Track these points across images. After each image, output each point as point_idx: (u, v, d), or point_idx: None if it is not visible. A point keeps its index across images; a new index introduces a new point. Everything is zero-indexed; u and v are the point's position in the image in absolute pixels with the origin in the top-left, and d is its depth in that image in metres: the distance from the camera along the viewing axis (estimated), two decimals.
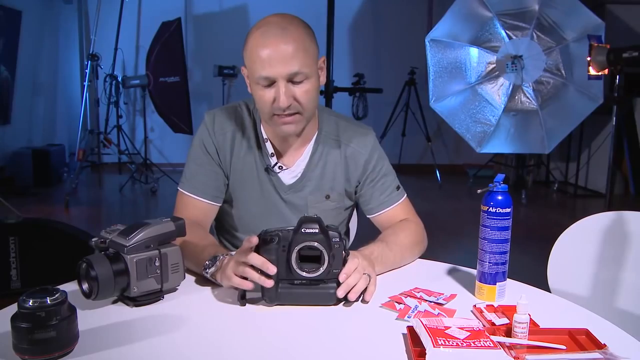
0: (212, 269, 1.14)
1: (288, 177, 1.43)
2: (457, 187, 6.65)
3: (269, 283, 1.03)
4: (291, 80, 1.24)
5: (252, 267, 1.04)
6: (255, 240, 1.03)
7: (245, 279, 1.05)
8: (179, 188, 1.42)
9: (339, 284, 1.07)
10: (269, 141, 1.42)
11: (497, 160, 6.83)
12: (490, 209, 1.08)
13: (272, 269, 1.03)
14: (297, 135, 1.39)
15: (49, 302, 0.82)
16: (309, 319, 1.03)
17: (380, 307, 1.07)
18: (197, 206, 1.39)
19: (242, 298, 1.07)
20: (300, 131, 1.36)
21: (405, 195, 1.50)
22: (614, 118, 4.59)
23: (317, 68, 1.31)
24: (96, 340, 0.92)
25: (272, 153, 1.41)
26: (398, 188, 1.47)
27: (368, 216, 1.49)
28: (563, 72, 4.95)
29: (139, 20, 7.22)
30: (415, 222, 1.45)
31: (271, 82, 1.24)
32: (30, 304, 0.82)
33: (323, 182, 1.44)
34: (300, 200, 1.44)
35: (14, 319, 0.82)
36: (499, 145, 5.19)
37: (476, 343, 0.85)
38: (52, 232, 3.06)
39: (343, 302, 1.09)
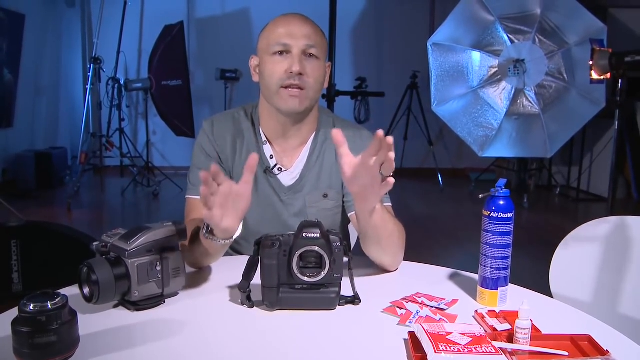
0: (205, 230, 1.10)
1: (287, 178, 1.44)
2: (459, 191, 6.64)
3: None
4: (305, 52, 1.32)
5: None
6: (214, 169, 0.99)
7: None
8: (186, 196, 1.42)
9: (340, 289, 1.07)
10: (268, 143, 1.43)
11: (499, 165, 6.83)
12: (492, 214, 1.07)
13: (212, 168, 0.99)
14: (296, 123, 1.40)
15: (49, 306, 0.82)
16: (310, 323, 1.02)
17: (381, 312, 1.06)
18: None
19: (249, 300, 1.07)
20: (301, 115, 1.38)
21: (391, 204, 1.42)
22: (617, 122, 4.58)
23: (325, 63, 1.39)
24: (97, 344, 0.91)
25: (271, 155, 1.42)
26: (385, 194, 1.43)
27: (349, 214, 1.44)
28: (565, 76, 4.95)
29: (141, 24, 7.24)
30: (402, 228, 1.34)
31: (287, 51, 1.31)
32: (31, 308, 0.82)
33: (320, 181, 1.44)
34: (298, 201, 1.44)
35: (15, 323, 0.82)
36: (501, 149, 5.20)
37: (478, 349, 0.85)
38: (54, 235, 3.06)
39: (345, 305, 1.09)
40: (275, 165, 1.43)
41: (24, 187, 5.93)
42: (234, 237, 1.11)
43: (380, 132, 1.00)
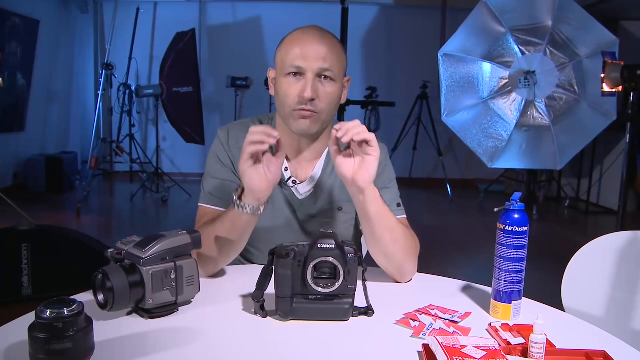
0: (235, 197, 1.20)
1: (301, 191, 1.44)
2: (468, 202, 6.63)
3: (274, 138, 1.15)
4: (319, 75, 1.30)
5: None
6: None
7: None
8: (199, 204, 1.41)
9: (353, 300, 1.07)
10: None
11: (509, 176, 6.81)
12: (507, 227, 1.07)
13: (274, 132, 1.14)
14: (312, 140, 1.41)
15: (66, 313, 0.83)
16: (324, 334, 1.02)
17: (395, 324, 1.06)
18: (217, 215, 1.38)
19: (262, 310, 1.07)
20: (314, 135, 1.38)
21: (405, 216, 1.43)
22: (628, 135, 4.57)
23: (342, 81, 1.37)
24: (110, 351, 0.92)
25: (286, 167, 1.42)
26: (399, 205, 1.43)
27: (361, 227, 1.44)
28: (576, 88, 4.94)
29: (153, 31, 7.29)
30: (416, 240, 1.37)
31: (300, 73, 1.30)
32: (48, 314, 0.82)
33: (335, 194, 1.44)
34: (312, 214, 1.43)
35: (32, 329, 0.83)
36: (511, 160, 5.18)
37: None
38: (63, 240, 3.09)
39: (358, 317, 1.08)
40: (290, 177, 1.42)
41: (35, 191, 5.98)
42: (259, 210, 1.20)
43: (334, 133, 1.14)
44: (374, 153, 1.15)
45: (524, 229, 1.07)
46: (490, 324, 1.06)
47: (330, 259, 1.04)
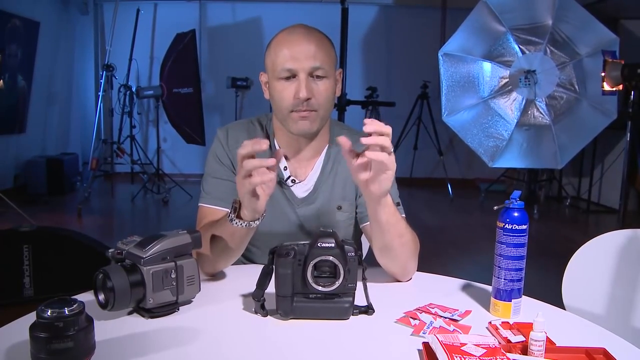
0: (232, 214, 1.18)
1: (301, 190, 1.44)
2: (469, 201, 6.62)
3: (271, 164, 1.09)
4: (312, 74, 1.31)
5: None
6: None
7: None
8: (199, 204, 1.41)
9: (354, 299, 1.07)
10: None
11: (509, 175, 6.80)
12: (507, 225, 1.07)
13: (263, 144, 1.08)
14: (310, 139, 1.41)
15: (66, 312, 0.83)
16: (324, 333, 1.03)
17: (395, 322, 1.06)
18: (218, 216, 1.36)
19: (263, 309, 1.08)
20: (314, 133, 1.38)
21: (404, 215, 1.40)
22: (628, 134, 4.58)
23: (335, 75, 1.37)
24: (111, 351, 0.92)
25: (285, 167, 1.42)
26: (398, 204, 1.40)
27: (361, 225, 1.45)
28: (576, 87, 4.94)
29: (153, 32, 7.29)
30: (416, 238, 1.36)
31: (293, 75, 1.30)
32: (49, 314, 0.82)
33: (334, 192, 1.44)
34: (312, 213, 1.44)
35: (33, 328, 0.83)
36: (512, 159, 5.18)
37: None
38: (65, 241, 3.09)
39: (358, 315, 1.09)
40: (289, 177, 1.43)
41: (35, 192, 5.98)
42: (257, 222, 1.18)
43: (366, 120, 1.05)
44: (389, 173, 1.11)
45: (524, 227, 1.08)
46: (490, 322, 1.07)
47: (331, 258, 1.04)
